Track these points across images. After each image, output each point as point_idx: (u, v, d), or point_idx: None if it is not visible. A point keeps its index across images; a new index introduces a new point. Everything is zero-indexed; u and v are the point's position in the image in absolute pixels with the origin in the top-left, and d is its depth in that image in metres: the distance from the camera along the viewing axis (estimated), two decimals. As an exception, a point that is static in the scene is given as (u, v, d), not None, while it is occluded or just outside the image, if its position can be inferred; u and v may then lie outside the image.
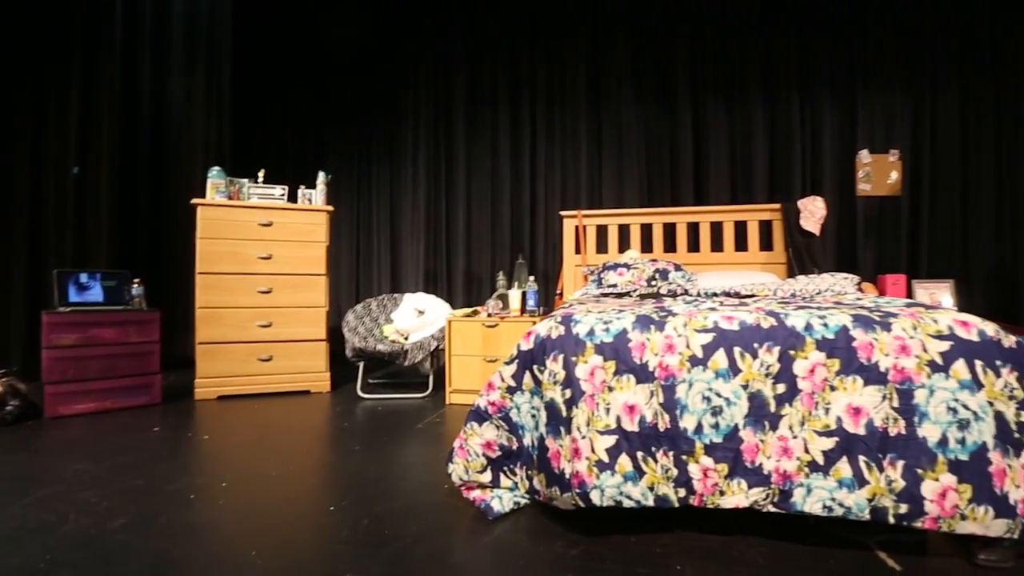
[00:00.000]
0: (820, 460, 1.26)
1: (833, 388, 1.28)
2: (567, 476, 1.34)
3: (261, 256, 3.06)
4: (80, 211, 3.53)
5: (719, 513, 1.38)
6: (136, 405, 2.72)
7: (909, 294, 2.65)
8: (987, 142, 3.71)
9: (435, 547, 1.34)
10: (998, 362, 1.25)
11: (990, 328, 1.29)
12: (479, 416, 1.55)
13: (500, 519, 1.49)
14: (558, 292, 3.33)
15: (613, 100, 4.14)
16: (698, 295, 2.23)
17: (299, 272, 3.16)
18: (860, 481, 1.23)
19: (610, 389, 1.37)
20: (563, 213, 3.53)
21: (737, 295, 2.15)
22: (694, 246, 3.48)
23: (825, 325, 1.33)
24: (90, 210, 3.57)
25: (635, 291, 2.48)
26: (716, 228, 3.45)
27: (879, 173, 3.48)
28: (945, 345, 1.27)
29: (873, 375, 1.27)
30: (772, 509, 1.29)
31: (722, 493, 1.30)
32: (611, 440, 1.33)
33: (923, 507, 1.20)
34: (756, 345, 1.34)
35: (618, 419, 1.34)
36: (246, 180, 3.22)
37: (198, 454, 2.07)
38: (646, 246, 3.42)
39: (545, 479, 1.42)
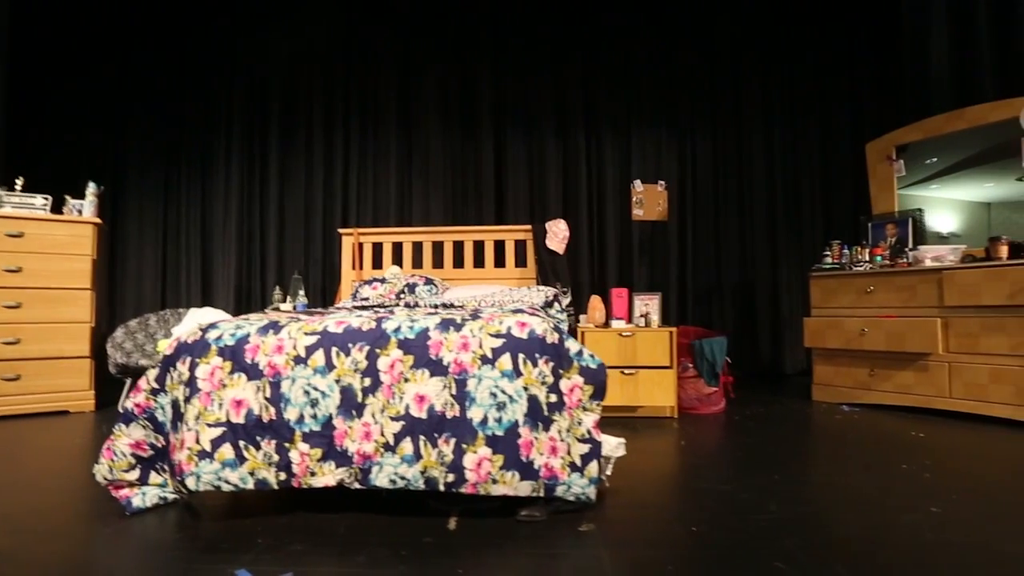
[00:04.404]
0: (391, 441, 1.49)
1: (407, 380, 1.53)
2: (175, 466, 1.48)
3: (8, 269, 2.92)
4: None
5: (348, 496, 1.57)
6: None
7: (631, 305, 3.08)
8: (731, 180, 4.41)
9: (44, 546, 1.40)
10: (537, 355, 1.56)
11: (540, 328, 1.61)
12: (126, 418, 1.64)
13: (138, 514, 1.59)
14: (336, 306, 3.47)
15: (422, 127, 4.42)
16: (423, 306, 2.47)
17: (57, 286, 3.05)
18: (417, 456, 1.47)
19: (224, 386, 1.53)
20: (341, 231, 3.70)
21: (451, 306, 2.42)
22: (460, 262, 3.73)
23: (411, 327, 1.59)
24: None
25: (382, 304, 2.69)
26: (479, 245, 3.75)
27: (650, 201, 3.99)
28: (499, 342, 1.56)
29: (438, 368, 1.53)
30: (357, 486, 1.50)
31: (313, 474, 1.49)
32: (217, 431, 1.49)
33: (465, 475, 1.46)
34: (351, 345, 1.56)
35: (227, 413, 1.50)
36: (-1, 189, 3.08)
37: None
38: (418, 263, 3.66)
39: (170, 471, 1.55)
